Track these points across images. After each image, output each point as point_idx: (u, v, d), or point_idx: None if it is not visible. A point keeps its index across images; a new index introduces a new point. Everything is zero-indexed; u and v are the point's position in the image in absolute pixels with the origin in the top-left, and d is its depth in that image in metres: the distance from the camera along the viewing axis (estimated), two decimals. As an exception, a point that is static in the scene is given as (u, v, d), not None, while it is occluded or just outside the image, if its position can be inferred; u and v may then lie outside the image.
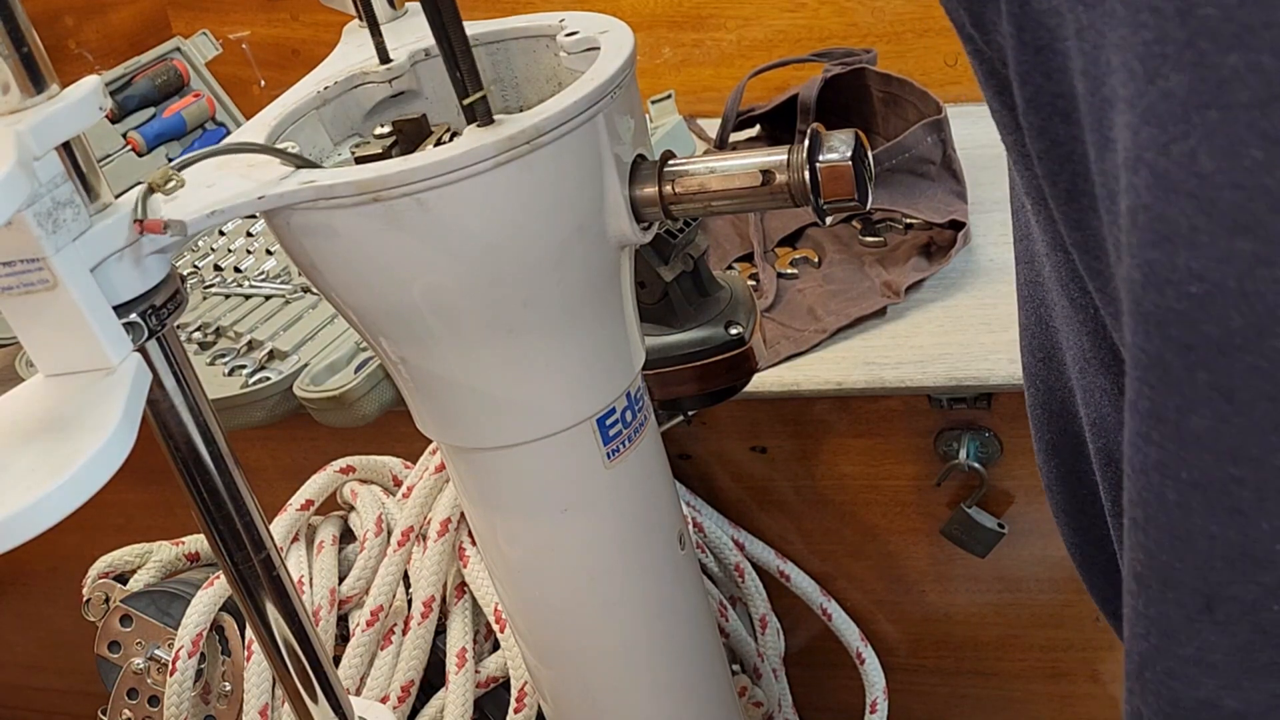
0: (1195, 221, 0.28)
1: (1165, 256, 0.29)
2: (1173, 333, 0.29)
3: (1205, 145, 0.27)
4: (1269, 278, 0.27)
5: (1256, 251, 0.27)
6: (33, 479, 0.37)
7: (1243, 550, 0.30)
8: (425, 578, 0.83)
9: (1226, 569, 0.31)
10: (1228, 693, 0.32)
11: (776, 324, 0.96)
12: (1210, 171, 0.27)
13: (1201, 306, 0.29)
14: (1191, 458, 0.30)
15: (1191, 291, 0.28)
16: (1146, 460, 0.31)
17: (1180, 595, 0.32)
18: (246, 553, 0.52)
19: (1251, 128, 0.27)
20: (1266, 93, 0.26)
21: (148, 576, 0.91)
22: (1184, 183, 0.28)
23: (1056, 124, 0.34)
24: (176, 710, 0.83)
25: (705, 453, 0.99)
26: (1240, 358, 0.28)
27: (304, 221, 0.48)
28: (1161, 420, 0.30)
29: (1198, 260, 0.28)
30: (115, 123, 1.31)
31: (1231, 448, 0.29)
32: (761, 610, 0.97)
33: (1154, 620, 0.33)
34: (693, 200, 0.51)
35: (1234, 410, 0.29)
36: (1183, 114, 0.28)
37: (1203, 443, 0.30)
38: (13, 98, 0.40)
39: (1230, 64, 0.27)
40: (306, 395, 0.94)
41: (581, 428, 0.55)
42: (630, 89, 0.51)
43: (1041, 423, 0.48)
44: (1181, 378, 0.30)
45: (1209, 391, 0.29)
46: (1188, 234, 0.28)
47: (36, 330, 0.42)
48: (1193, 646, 0.32)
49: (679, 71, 1.35)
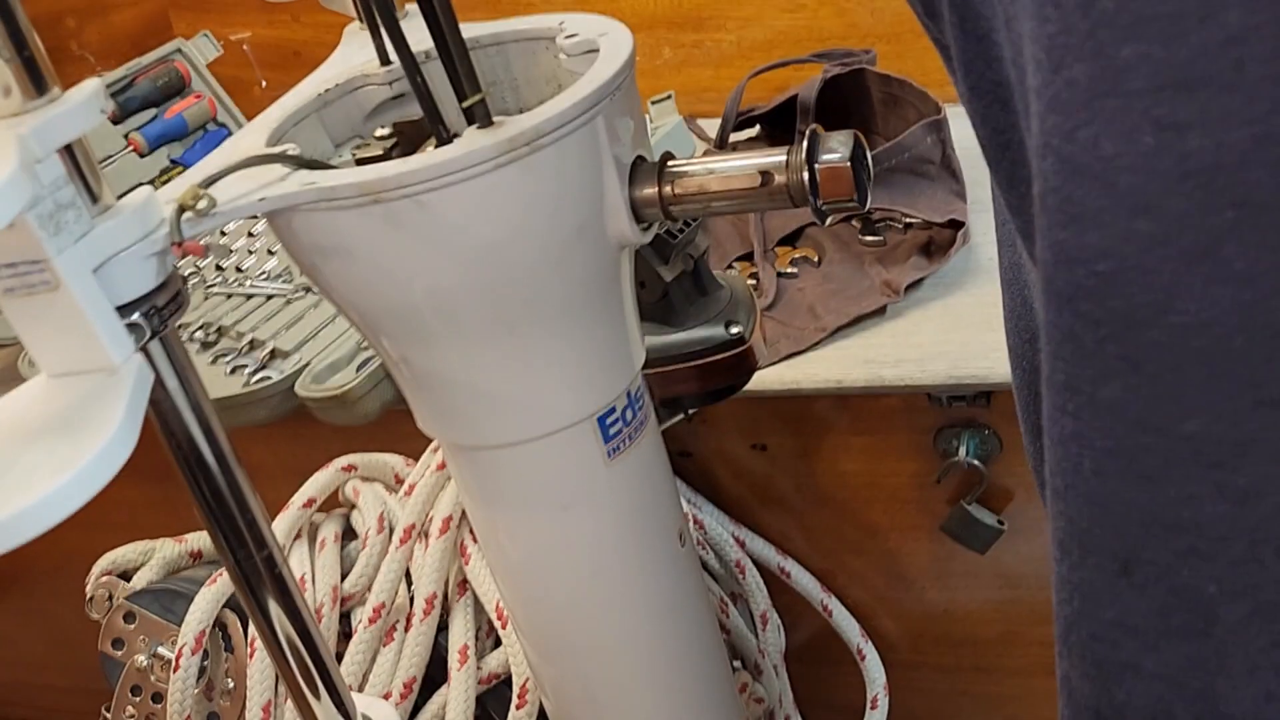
0: (1100, 203, 0.29)
1: (1074, 236, 0.30)
2: (1083, 308, 0.30)
3: (1105, 131, 0.29)
4: (1165, 256, 0.29)
5: (1153, 231, 0.29)
6: (36, 478, 0.38)
7: (1154, 515, 0.31)
8: (427, 575, 0.83)
9: (1140, 534, 0.32)
10: (1147, 655, 0.33)
11: (776, 323, 0.96)
12: (1111, 155, 0.29)
13: (1108, 283, 0.30)
14: (1104, 427, 0.31)
15: (1099, 269, 0.30)
16: (1064, 431, 0.32)
17: (1100, 560, 0.33)
18: (249, 550, 0.52)
19: (1145, 114, 0.28)
20: (1156, 81, 0.28)
21: (151, 574, 0.91)
22: (1088, 167, 0.29)
23: (996, 111, 0.35)
24: (180, 707, 0.84)
25: (706, 450, 0.99)
26: (1144, 332, 0.30)
27: (305, 223, 0.48)
28: (1076, 392, 0.32)
29: (1103, 239, 0.29)
30: (117, 124, 1.31)
31: (1140, 417, 0.31)
32: (762, 607, 0.98)
33: (1076, 585, 0.34)
34: (692, 201, 0.51)
35: (1141, 381, 0.30)
36: (1085, 101, 0.29)
37: (1114, 412, 0.31)
38: (14, 100, 0.40)
39: (1125, 54, 0.28)
40: (308, 394, 0.95)
41: (582, 426, 0.56)
42: (630, 90, 0.51)
43: (1027, 404, 0.49)
44: (1092, 350, 0.31)
45: (1118, 363, 0.30)
46: (1094, 215, 0.29)
47: (39, 331, 0.43)
48: (1114, 610, 0.33)
49: (679, 72, 1.35)
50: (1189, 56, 0.27)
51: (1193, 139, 0.27)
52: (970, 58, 0.35)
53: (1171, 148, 0.28)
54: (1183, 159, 0.28)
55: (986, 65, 0.34)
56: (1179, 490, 0.31)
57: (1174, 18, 0.27)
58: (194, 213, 0.46)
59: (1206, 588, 0.31)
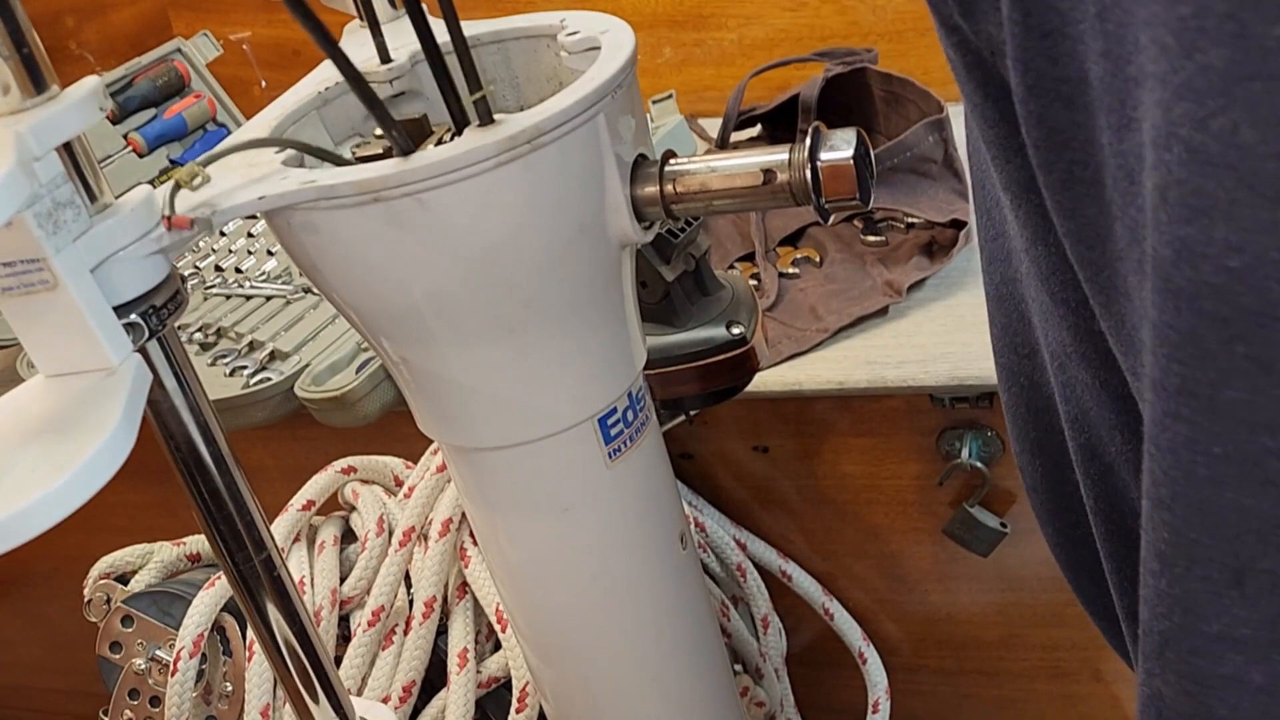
0: (1235, 195, 0.28)
1: (1201, 231, 0.29)
2: (1207, 306, 0.29)
3: (1247, 117, 0.27)
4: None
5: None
6: (33, 479, 0.37)
7: (1275, 522, 0.30)
8: (426, 578, 0.83)
9: (1258, 542, 0.31)
10: (1255, 667, 0.32)
11: (778, 323, 0.96)
12: (1253, 143, 0.27)
13: (1240, 279, 0.29)
14: (1224, 431, 0.30)
15: (1230, 265, 0.29)
16: (1176, 437, 0.31)
17: (1208, 571, 0.32)
18: (247, 553, 0.52)
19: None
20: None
21: (149, 577, 0.91)
22: (1223, 156, 0.28)
23: (1059, 110, 0.34)
24: (178, 711, 0.83)
25: (707, 452, 0.99)
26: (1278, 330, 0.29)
27: (304, 222, 0.48)
28: (1193, 395, 0.31)
29: (1236, 233, 0.28)
30: (116, 124, 1.31)
31: (1267, 420, 0.30)
32: (763, 610, 0.97)
33: (1178, 599, 0.33)
34: (694, 200, 0.51)
35: (1270, 382, 0.29)
36: (1223, 87, 0.28)
37: (1237, 416, 0.30)
38: (13, 98, 0.40)
39: (1276, 34, 0.27)
40: (308, 395, 0.94)
41: (583, 427, 0.55)
42: (631, 89, 0.51)
43: (1025, 422, 0.48)
44: (1216, 351, 0.30)
45: (1245, 364, 0.29)
46: (1227, 207, 0.28)
47: (37, 331, 0.42)
48: (1219, 623, 0.32)
49: (680, 71, 1.35)
50: None
51: None
52: (1031, 55, 0.34)
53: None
54: None
55: (1051, 63, 0.33)
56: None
57: None
58: (189, 189, 0.45)
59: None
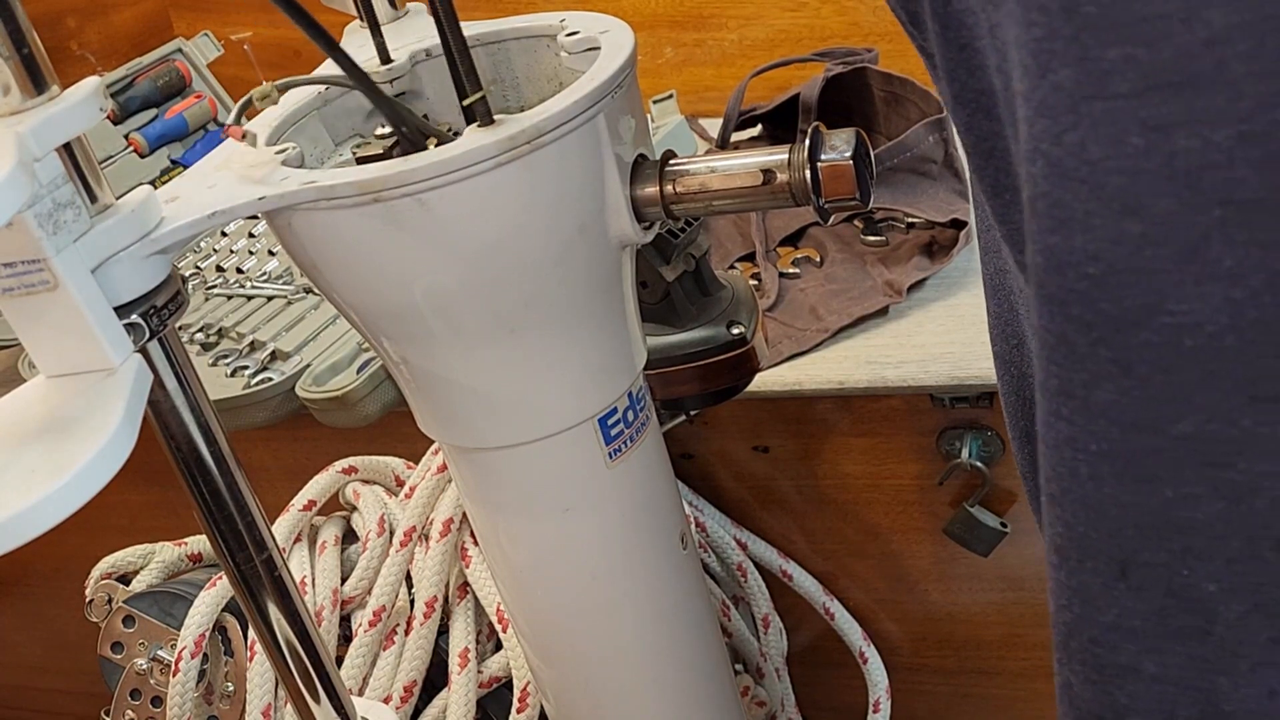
0: (1089, 206, 0.29)
1: (1064, 240, 0.30)
2: (1074, 312, 0.31)
3: (1093, 134, 0.29)
4: (1155, 256, 0.29)
5: (1143, 232, 0.29)
6: (34, 480, 0.37)
7: (1151, 517, 0.32)
8: (427, 578, 0.83)
9: (1137, 536, 0.32)
10: (1148, 657, 0.33)
11: (778, 323, 0.96)
12: (1099, 159, 0.29)
13: (1099, 286, 0.30)
14: (1099, 430, 0.32)
15: (1089, 272, 0.30)
16: (1059, 436, 0.33)
17: (1098, 564, 0.33)
18: (249, 553, 0.52)
19: (1132, 116, 0.28)
20: (1142, 83, 0.28)
21: (150, 577, 0.91)
22: (1076, 170, 0.29)
23: (980, 119, 0.35)
24: (179, 711, 0.83)
25: (707, 452, 0.99)
26: (1136, 333, 0.30)
27: (305, 222, 0.48)
28: (1070, 396, 0.32)
29: (1093, 242, 0.30)
30: (117, 124, 1.31)
31: (1134, 419, 0.31)
32: (764, 610, 0.97)
33: (1075, 590, 0.34)
34: (694, 200, 0.51)
35: (1134, 383, 0.30)
36: (1071, 105, 0.29)
37: (1108, 415, 0.31)
38: (13, 99, 0.40)
39: (1111, 57, 0.28)
40: (309, 396, 0.94)
41: (583, 427, 0.55)
42: (631, 89, 0.51)
43: (1016, 410, 0.49)
44: (1085, 354, 0.31)
45: (1110, 366, 0.31)
46: (1083, 218, 0.30)
47: (38, 331, 0.42)
48: (1112, 613, 0.33)
49: (680, 71, 1.35)
50: (1173, 57, 0.27)
51: (1179, 139, 0.28)
52: (953, 66, 0.35)
53: (1158, 148, 0.28)
54: (1170, 159, 0.28)
55: (969, 74, 0.35)
56: (1175, 490, 0.31)
57: (1157, 19, 0.27)
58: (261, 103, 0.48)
59: (1205, 587, 0.32)
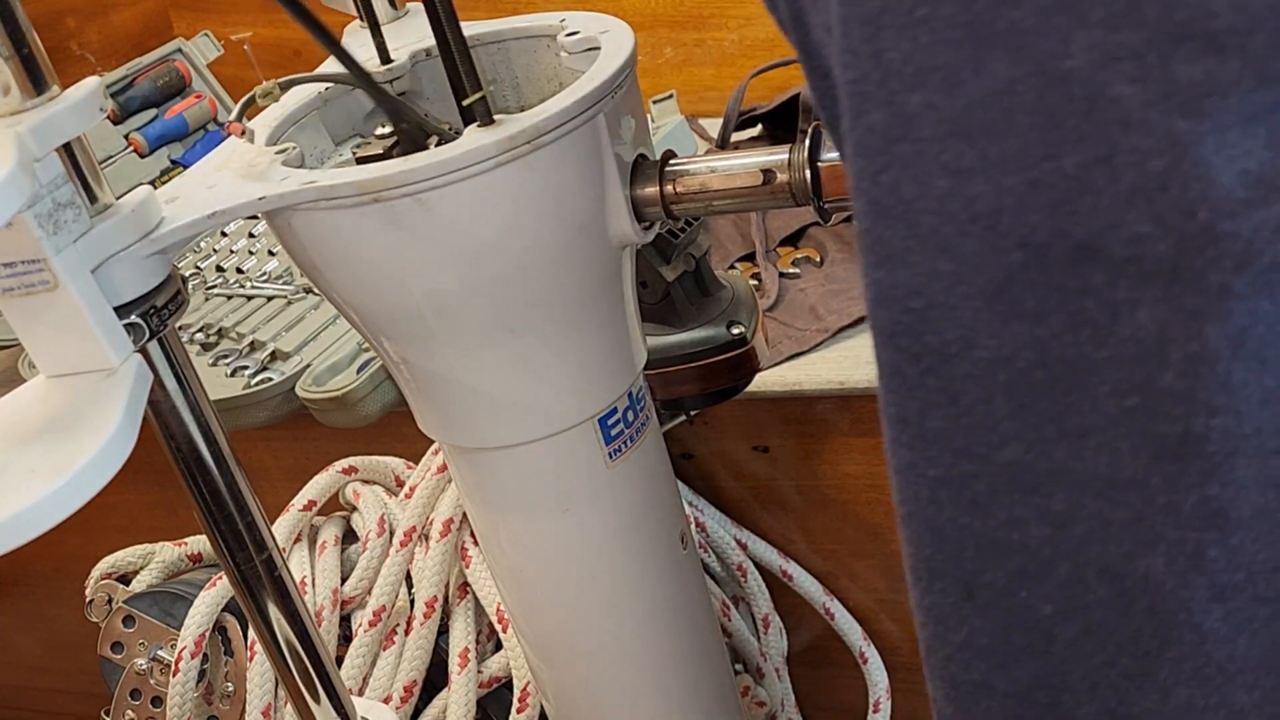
0: (906, 244, 0.31)
1: (888, 275, 0.31)
2: (903, 343, 0.32)
3: (904, 174, 0.30)
4: (965, 294, 0.30)
5: (954, 270, 0.30)
6: (34, 480, 0.37)
7: (987, 540, 0.33)
8: (427, 578, 0.83)
9: (976, 557, 0.33)
10: (997, 674, 0.34)
11: (779, 323, 0.96)
12: (912, 199, 0.30)
13: (921, 319, 0.31)
14: (933, 456, 0.33)
15: (912, 306, 0.31)
16: (901, 461, 0.34)
17: (945, 585, 0.34)
18: (249, 553, 0.52)
19: (935, 160, 0.29)
20: (941, 129, 0.29)
21: (150, 577, 0.91)
22: (893, 209, 0.31)
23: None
24: (179, 711, 0.83)
25: (707, 452, 0.99)
26: (956, 365, 0.31)
27: (305, 222, 0.48)
28: (906, 423, 0.33)
29: (912, 278, 0.31)
30: (117, 124, 1.31)
31: (963, 446, 0.32)
32: (764, 610, 0.97)
33: (929, 610, 0.36)
34: (694, 200, 0.51)
35: (960, 411, 0.32)
36: (883, 146, 0.30)
37: (940, 442, 0.32)
38: (13, 99, 0.40)
39: (914, 102, 0.29)
40: (309, 396, 0.94)
41: (583, 428, 0.55)
42: (631, 89, 0.51)
43: None
44: (916, 384, 0.32)
45: (938, 395, 0.32)
46: (902, 255, 0.31)
47: (38, 331, 0.42)
48: (963, 632, 0.35)
49: (680, 71, 1.35)
50: (966, 106, 0.28)
51: (977, 184, 0.29)
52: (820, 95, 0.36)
53: (960, 192, 0.29)
54: (970, 203, 0.29)
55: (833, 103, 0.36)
56: (1005, 514, 0.32)
57: (950, 69, 0.28)
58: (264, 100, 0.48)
59: (1042, 608, 0.33)
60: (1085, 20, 0.26)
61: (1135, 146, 0.27)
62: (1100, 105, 0.27)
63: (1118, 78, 0.26)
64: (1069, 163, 0.28)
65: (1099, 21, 0.26)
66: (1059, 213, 0.28)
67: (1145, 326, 0.28)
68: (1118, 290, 0.28)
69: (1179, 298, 0.28)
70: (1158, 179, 0.27)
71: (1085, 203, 0.28)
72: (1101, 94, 0.27)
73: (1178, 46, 0.26)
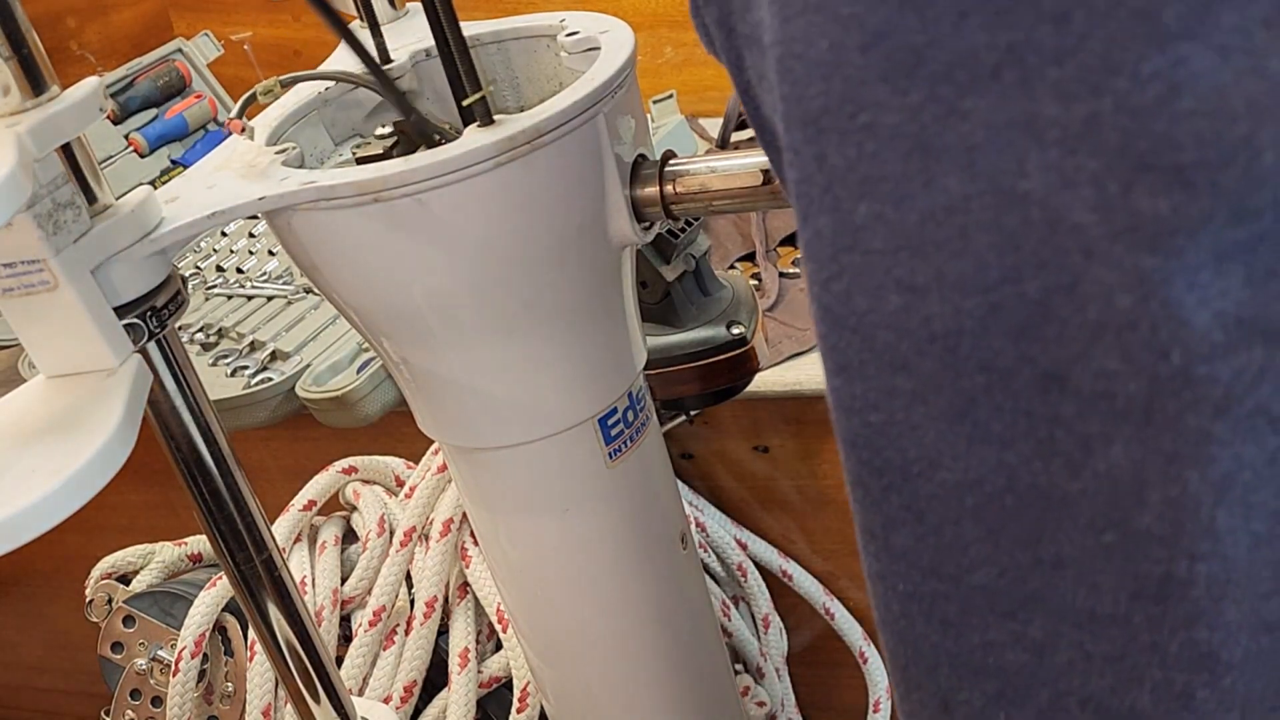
0: (862, 356, 0.29)
1: (845, 385, 0.30)
2: (864, 456, 0.30)
3: (855, 285, 0.28)
4: (927, 414, 0.28)
5: (913, 389, 0.28)
6: (34, 480, 0.37)
7: (962, 660, 0.31)
8: (428, 578, 0.83)
9: (953, 676, 0.31)
10: None
11: (779, 323, 0.96)
12: (864, 310, 0.28)
13: (881, 434, 0.29)
14: (901, 572, 0.31)
15: (871, 420, 0.29)
16: (870, 570, 0.32)
17: (922, 696, 0.33)
18: (249, 553, 0.52)
19: (887, 274, 0.27)
20: (892, 242, 0.27)
21: (150, 577, 0.91)
22: (846, 319, 0.29)
23: None
24: (179, 711, 0.83)
25: (707, 452, 0.99)
26: (920, 484, 0.29)
27: (305, 222, 0.48)
28: (873, 536, 0.31)
29: (869, 392, 0.29)
30: (117, 124, 1.31)
31: (932, 565, 0.30)
32: (764, 610, 0.97)
33: (908, 714, 0.34)
34: (694, 200, 0.51)
35: (926, 530, 0.30)
36: (832, 254, 0.28)
37: (908, 558, 0.31)
38: (13, 99, 0.40)
39: (861, 212, 0.27)
40: (309, 396, 0.94)
41: (583, 428, 0.55)
42: (631, 89, 0.51)
43: None
44: (879, 498, 0.30)
45: (903, 513, 0.30)
46: (859, 367, 0.29)
47: (37, 331, 0.42)
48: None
49: (681, 71, 1.35)
50: (918, 220, 0.26)
51: (933, 303, 0.27)
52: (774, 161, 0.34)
53: (916, 309, 0.27)
54: (927, 321, 0.27)
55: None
56: (980, 637, 0.30)
57: (898, 180, 0.26)
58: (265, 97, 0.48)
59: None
60: (1040, 139, 0.24)
61: (1099, 279, 0.25)
62: (1060, 231, 0.25)
63: (1077, 204, 0.24)
64: (1031, 287, 0.26)
65: (1054, 141, 0.24)
66: (1023, 339, 0.26)
67: (1120, 465, 0.26)
68: (1089, 424, 0.26)
69: (1155, 439, 0.26)
70: (1125, 315, 0.25)
71: (1050, 331, 0.26)
72: (1061, 219, 0.25)
73: (1140, 177, 0.24)
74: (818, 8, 0.27)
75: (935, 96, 0.25)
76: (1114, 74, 0.23)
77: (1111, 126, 0.23)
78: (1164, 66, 0.23)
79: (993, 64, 0.24)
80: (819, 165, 0.28)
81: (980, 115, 0.25)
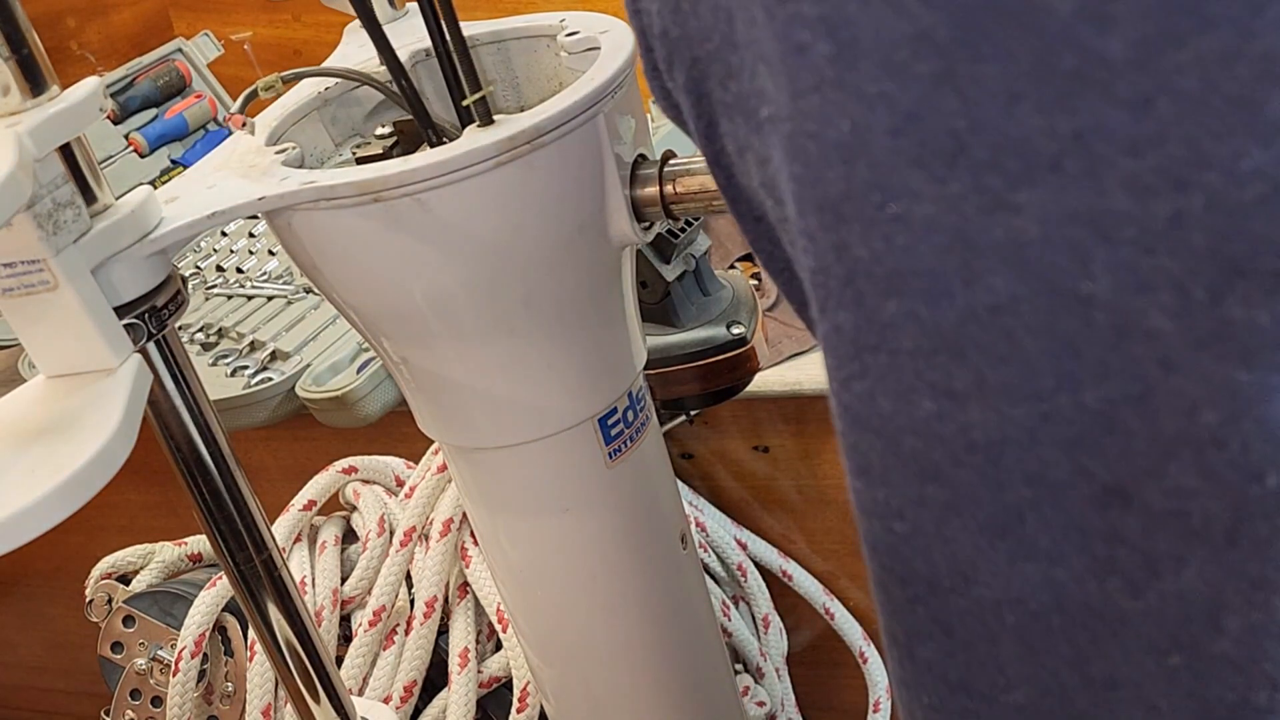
0: (886, 461, 0.27)
1: (867, 488, 0.28)
2: (885, 562, 0.28)
3: (880, 387, 0.26)
4: (962, 527, 0.26)
5: (946, 500, 0.26)
6: (33, 480, 0.37)
7: None
8: (427, 578, 0.83)
9: None
10: None
11: (779, 323, 0.96)
12: (889, 413, 0.26)
13: (907, 543, 0.27)
14: (927, 684, 0.29)
15: (896, 529, 0.27)
16: (894, 676, 0.30)
17: None
18: (248, 553, 0.52)
19: (919, 377, 0.25)
20: (926, 343, 0.25)
21: (150, 577, 0.91)
22: (869, 420, 0.26)
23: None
24: (179, 711, 0.83)
25: (707, 452, 0.99)
26: (951, 599, 0.27)
27: (305, 222, 0.48)
28: (895, 644, 0.29)
29: (895, 499, 0.27)
30: (117, 124, 1.31)
31: (962, 681, 0.28)
32: (764, 609, 0.97)
33: None
34: (694, 200, 0.51)
35: (956, 646, 0.28)
36: (854, 353, 0.26)
37: (934, 672, 0.29)
38: (13, 99, 0.40)
39: (890, 309, 0.25)
40: (309, 396, 0.94)
41: (583, 427, 0.55)
42: (631, 88, 0.51)
43: None
44: (903, 608, 0.28)
45: (930, 625, 0.28)
46: (882, 473, 0.27)
47: (37, 331, 0.42)
48: None
49: (681, 71, 1.35)
50: (957, 321, 0.24)
51: (974, 410, 0.25)
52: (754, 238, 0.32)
53: (953, 416, 0.25)
54: (965, 430, 0.25)
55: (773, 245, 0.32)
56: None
57: (935, 276, 0.24)
58: (266, 93, 0.48)
59: None
60: (1109, 237, 0.22)
61: (1179, 391, 0.23)
62: (1131, 338, 0.23)
63: (1154, 309, 0.22)
64: (1091, 397, 0.23)
65: (1128, 240, 0.22)
66: (1079, 451, 0.24)
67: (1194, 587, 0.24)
68: (1157, 543, 0.24)
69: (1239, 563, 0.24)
70: (1210, 432, 0.23)
71: (1113, 444, 0.24)
72: (1133, 325, 0.22)
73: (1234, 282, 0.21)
74: (836, 84, 0.24)
75: (980, 187, 0.23)
76: (1204, 169, 0.21)
77: (1200, 226, 0.21)
78: (1267, 163, 0.21)
79: (1052, 153, 0.22)
80: (838, 255, 0.25)
81: (1035, 209, 0.23)
